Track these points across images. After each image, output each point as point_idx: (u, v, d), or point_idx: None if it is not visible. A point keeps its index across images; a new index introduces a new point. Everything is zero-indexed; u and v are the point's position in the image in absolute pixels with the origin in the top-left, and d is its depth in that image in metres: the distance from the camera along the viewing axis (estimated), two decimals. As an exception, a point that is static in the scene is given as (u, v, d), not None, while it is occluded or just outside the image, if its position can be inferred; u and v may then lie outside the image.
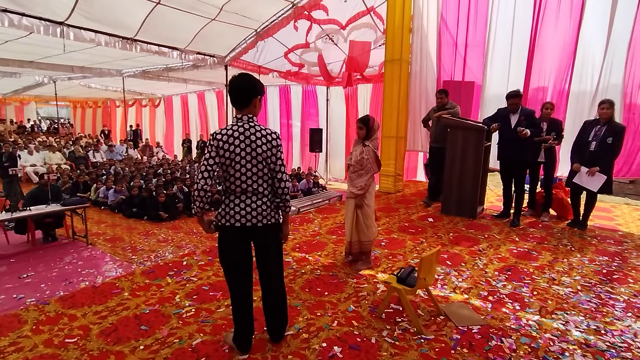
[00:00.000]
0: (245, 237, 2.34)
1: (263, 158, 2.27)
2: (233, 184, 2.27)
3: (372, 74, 9.92)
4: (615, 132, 4.62)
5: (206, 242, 7.02)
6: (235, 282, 2.41)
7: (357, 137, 3.72)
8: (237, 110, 2.32)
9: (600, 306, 3.15)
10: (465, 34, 6.29)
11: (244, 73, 2.37)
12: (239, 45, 9.11)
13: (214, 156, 2.22)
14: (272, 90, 13.74)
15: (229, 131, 2.24)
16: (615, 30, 5.16)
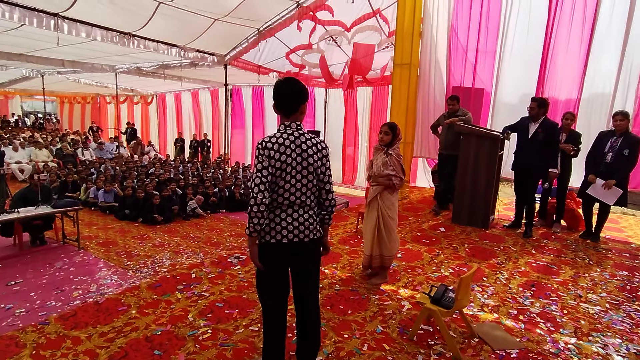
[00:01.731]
0: (290, 254, 2.14)
1: (314, 168, 2.10)
2: (281, 197, 2.08)
3: (374, 77, 9.78)
4: (632, 143, 4.55)
5: (205, 247, 6.76)
6: (275, 306, 2.20)
7: (380, 143, 3.54)
8: (283, 116, 2.13)
9: (635, 327, 3.04)
10: (477, 40, 6.19)
11: (290, 78, 2.18)
12: (240, 44, 8.87)
13: (267, 166, 2.01)
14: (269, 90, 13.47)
15: (280, 139, 2.04)
16: (631, 40, 5.11)
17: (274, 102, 2.13)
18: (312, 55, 9.36)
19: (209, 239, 7.36)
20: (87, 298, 4.64)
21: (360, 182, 12.26)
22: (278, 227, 2.07)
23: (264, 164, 2.00)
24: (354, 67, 9.07)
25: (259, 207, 1.99)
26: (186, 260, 6.21)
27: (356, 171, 12.35)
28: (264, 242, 2.11)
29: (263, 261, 2.14)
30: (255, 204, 1.98)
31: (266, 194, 2.00)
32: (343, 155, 12.51)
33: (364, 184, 12.23)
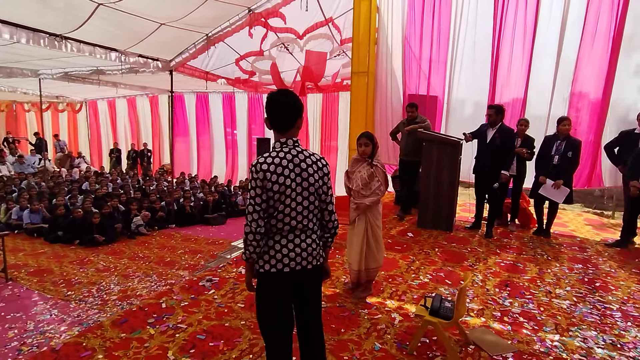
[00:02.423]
0: (293, 283, 1.97)
1: (315, 189, 1.94)
2: (281, 222, 1.90)
3: (325, 84, 9.80)
4: (574, 146, 4.98)
5: (158, 268, 6.25)
6: (279, 340, 2.01)
7: (359, 154, 3.48)
8: (278, 133, 1.95)
9: (602, 317, 3.28)
10: (429, 49, 6.43)
11: (285, 90, 2.00)
12: (187, 49, 8.40)
13: (260, 193, 1.85)
14: (215, 97, 13.02)
15: (276, 159, 1.87)
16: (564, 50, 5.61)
17: (268, 117, 1.96)
18: (264, 62, 9.15)
19: (161, 258, 6.83)
20: (25, 339, 4.05)
21: (312, 189, 12.19)
22: (279, 254, 1.91)
23: (256, 191, 1.84)
24: (306, 74, 9.01)
25: (254, 236, 1.85)
26: (138, 285, 5.70)
27: (308, 178, 12.25)
28: (263, 273, 1.93)
29: (263, 294, 1.97)
30: (251, 232, 1.85)
31: (260, 222, 1.85)
32: (294, 163, 12.37)
33: (316, 191, 12.20)
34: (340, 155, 11.42)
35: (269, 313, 1.97)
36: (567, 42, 5.53)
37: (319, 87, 9.76)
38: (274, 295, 1.95)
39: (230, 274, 3.97)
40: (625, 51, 5.15)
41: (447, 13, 6.17)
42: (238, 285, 3.71)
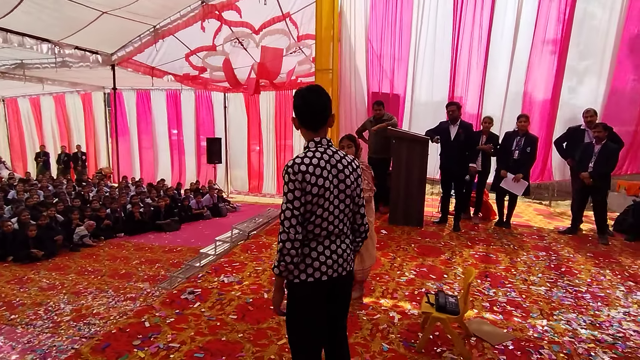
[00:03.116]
0: (329, 292, 1.85)
1: (351, 191, 1.83)
2: (318, 227, 1.76)
3: (280, 81, 9.60)
4: (532, 142, 5.36)
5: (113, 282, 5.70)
6: (313, 352, 1.88)
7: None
8: (311, 132, 1.81)
9: (576, 300, 3.55)
10: (392, 47, 6.55)
11: (315, 85, 1.86)
12: (132, 42, 7.74)
13: (299, 196, 1.69)
14: (158, 95, 12.21)
15: (313, 160, 1.72)
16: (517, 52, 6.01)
17: (298, 116, 1.81)
18: (215, 57, 8.73)
19: (115, 270, 6.23)
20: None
21: (268, 189, 11.94)
22: (316, 262, 1.77)
23: (295, 194, 1.68)
24: (261, 71, 8.75)
25: (293, 244, 1.68)
26: (93, 302, 5.15)
27: (262, 179, 11.98)
28: (298, 283, 1.78)
29: (300, 306, 1.83)
30: (288, 239, 1.67)
31: (299, 228, 1.70)
32: (248, 163, 12.03)
33: (272, 191, 11.96)
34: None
35: (307, 327, 1.83)
36: (519, 44, 5.92)
37: (275, 84, 9.55)
38: (312, 306, 1.81)
39: (212, 284, 3.71)
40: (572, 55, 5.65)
41: (409, 12, 6.32)
42: (224, 296, 3.47)
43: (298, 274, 1.77)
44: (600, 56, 5.69)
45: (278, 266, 1.72)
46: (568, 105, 5.90)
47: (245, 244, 4.85)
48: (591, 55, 5.75)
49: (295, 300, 1.82)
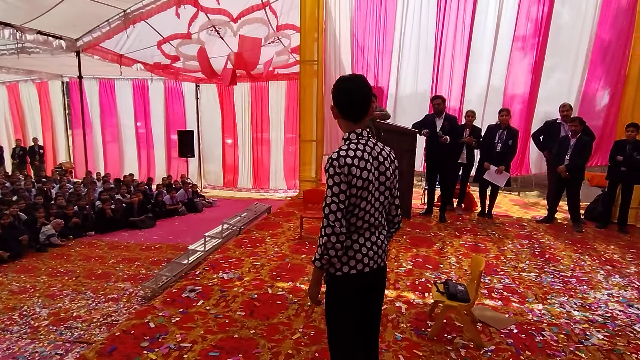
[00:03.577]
0: (368, 284, 1.84)
1: (390, 183, 1.82)
2: (361, 219, 1.75)
3: (258, 72, 9.40)
4: (513, 135, 5.59)
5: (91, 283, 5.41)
6: (355, 344, 1.87)
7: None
8: (352, 122, 1.78)
9: (564, 284, 3.76)
10: (375, 40, 6.57)
11: (358, 75, 1.82)
12: (100, 27, 7.29)
13: (344, 189, 1.67)
14: (124, 85, 11.62)
15: (357, 152, 1.70)
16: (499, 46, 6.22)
17: (339, 106, 1.77)
18: (190, 46, 8.41)
19: (91, 271, 5.91)
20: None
21: (244, 183, 11.73)
22: (358, 255, 1.76)
23: (341, 187, 1.66)
24: (238, 61, 8.53)
25: (338, 238, 1.66)
26: (71, 305, 4.87)
27: (237, 173, 11.75)
28: (340, 275, 1.76)
29: (342, 300, 1.81)
30: (333, 233, 1.65)
31: (344, 221, 1.68)
32: (223, 157, 11.74)
33: (248, 185, 11.76)
34: (274, 147, 11.14)
35: (348, 319, 1.82)
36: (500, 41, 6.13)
37: (252, 75, 9.35)
38: (354, 298, 1.80)
39: (212, 281, 3.60)
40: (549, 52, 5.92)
41: (394, 5, 6.36)
42: (227, 292, 3.38)
43: (340, 266, 1.76)
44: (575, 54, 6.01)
45: (320, 259, 1.70)
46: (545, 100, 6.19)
47: (238, 240, 4.75)
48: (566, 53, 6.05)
49: (338, 293, 1.81)
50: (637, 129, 5.16)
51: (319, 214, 4.96)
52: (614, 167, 5.30)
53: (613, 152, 5.32)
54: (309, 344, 2.70)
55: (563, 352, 2.68)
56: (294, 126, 10.94)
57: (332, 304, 1.83)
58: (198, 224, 8.57)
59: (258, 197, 11.12)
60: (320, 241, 1.68)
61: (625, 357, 2.65)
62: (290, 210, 6.11)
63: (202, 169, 12.10)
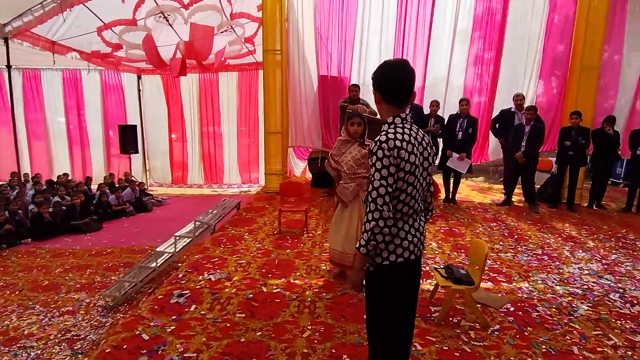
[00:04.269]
0: (412, 273, 1.79)
1: (430, 168, 1.79)
2: (407, 205, 1.69)
3: (209, 63, 8.91)
4: (473, 123, 5.86)
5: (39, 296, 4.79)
6: (402, 334, 1.82)
7: (349, 135, 3.34)
8: (396, 107, 1.71)
9: (539, 261, 4.01)
10: (338, 30, 6.51)
11: (403, 60, 1.76)
12: (32, 11, 6.41)
13: (393, 173, 1.59)
14: (52, 76, 10.43)
15: (405, 135, 1.64)
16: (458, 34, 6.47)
17: (383, 92, 1.70)
18: (135, 33, 7.72)
19: (36, 282, 5.22)
20: None
21: (194, 180, 11.13)
22: (405, 242, 1.70)
23: (390, 170, 1.59)
24: (189, 50, 8.01)
25: (386, 222, 1.59)
26: (19, 321, 4.28)
27: (187, 169, 11.11)
28: (387, 265, 1.69)
29: (390, 289, 1.74)
30: (381, 217, 1.58)
31: (391, 206, 1.62)
32: (170, 152, 11.02)
33: (200, 181, 11.17)
34: (227, 141, 10.68)
35: (397, 309, 1.75)
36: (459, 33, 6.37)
37: (203, 66, 8.83)
38: (402, 287, 1.75)
39: (199, 284, 3.32)
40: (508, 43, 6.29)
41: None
42: (219, 295, 3.14)
43: (387, 255, 1.69)
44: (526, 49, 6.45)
45: (366, 245, 1.62)
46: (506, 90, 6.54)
47: (214, 238, 4.45)
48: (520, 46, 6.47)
49: (384, 283, 1.73)
50: (580, 116, 5.66)
51: (298, 207, 4.84)
52: (563, 152, 5.78)
53: (561, 138, 5.79)
54: (322, 340, 2.58)
55: (559, 325, 2.84)
56: (247, 119, 10.61)
57: (377, 295, 1.76)
58: (151, 224, 7.99)
59: (210, 192, 10.65)
60: (367, 226, 1.60)
61: (611, 324, 2.87)
62: (261, 204, 5.88)
63: (147, 165, 11.27)
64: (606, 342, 2.65)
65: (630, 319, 2.96)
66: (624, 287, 3.46)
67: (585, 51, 5.95)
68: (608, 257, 4.14)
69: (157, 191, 10.74)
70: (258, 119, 10.49)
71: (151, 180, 11.34)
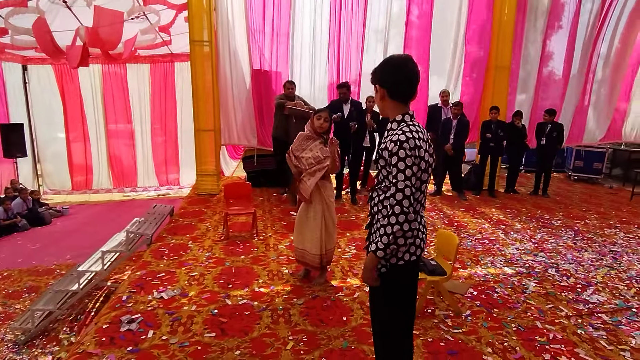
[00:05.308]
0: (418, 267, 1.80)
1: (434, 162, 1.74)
2: (419, 203, 1.66)
3: (117, 52, 7.91)
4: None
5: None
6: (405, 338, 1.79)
7: (318, 130, 3.17)
8: (403, 104, 1.65)
9: (482, 245, 4.30)
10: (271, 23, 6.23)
11: (406, 54, 1.71)
12: None
13: (416, 172, 1.55)
14: None
15: (420, 133, 1.60)
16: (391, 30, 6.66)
17: (392, 88, 1.62)
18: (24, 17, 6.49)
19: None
20: None
21: (101, 184, 9.84)
22: (417, 239, 1.67)
23: (413, 169, 1.54)
24: (93, 38, 7.01)
25: (411, 225, 1.54)
26: None
27: (92, 172, 9.78)
28: (401, 265, 1.64)
29: (402, 288, 1.71)
30: (407, 220, 1.51)
31: (416, 207, 1.60)
32: (69, 154, 9.58)
33: (108, 185, 9.90)
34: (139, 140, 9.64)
35: (405, 311, 1.75)
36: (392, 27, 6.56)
37: (110, 56, 7.81)
38: (412, 286, 1.74)
39: (149, 305, 2.86)
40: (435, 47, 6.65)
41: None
42: (179, 314, 2.74)
43: (402, 255, 1.63)
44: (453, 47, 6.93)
45: (385, 249, 1.54)
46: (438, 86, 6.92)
47: (154, 250, 3.89)
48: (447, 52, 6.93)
49: (396, 283, 1.68)
50: (499, 111, 6.24)
51: (246, 209, 4.50)
52: (484, 143, 6.32)
53: (482, 131, 6.33)
54: (308, 350, 2.40)
55: (518, 303, 3.05)
56: (162, 115, 9.71)
57: (389, 294, 1.70)
58: (53, 239, 6.88)
59: (122, 198, 9.55)
60: (388, 229, 1.51)
61: (558, 297, 3.17)
62: (197, 208, 5.37)
63: (38, 170, 9.66)
64: (559, 313, 2.91)
65: (569, 289, 3.30)
66: (556, 262, 3.87)
67: (498, 53, 6.59)
68: (535, 237, 4.61)
69: (53, 200, 9.29)
70: (176, 115, 9.70)
71: (45, 187, 9.74)
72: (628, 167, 8.10)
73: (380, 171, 1.63)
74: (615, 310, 2.94)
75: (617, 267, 3.79)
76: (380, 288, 1.68)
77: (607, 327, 2.71)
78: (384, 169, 1.59)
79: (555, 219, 5.39)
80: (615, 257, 4.04)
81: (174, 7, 7.37)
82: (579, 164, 8.32)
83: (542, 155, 6.48)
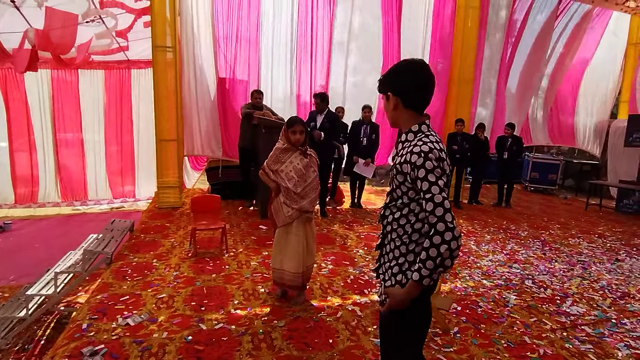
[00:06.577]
0: None
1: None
2: None
3: (70, 57, 7.37)
4: (375, 129, 6.08)
5: None
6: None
7: (294, 144, 3.01)
8: (418, 113, 1.53)
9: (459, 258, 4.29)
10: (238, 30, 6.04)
11: (421, 60, 1.55)
12: None
13: (443, 184, 1.41)
14: None
15: (439, 144, 1.47)
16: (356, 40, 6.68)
17: (407, 95, 1.51)
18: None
19: None
20: None
21: (48, 197, 9.04)
22: None
23: (443, 179, 1.42)
24: (43, 41, 6.48)
25: (458, 242, 1.34)
26: None
27: (37, 184, 8.97)
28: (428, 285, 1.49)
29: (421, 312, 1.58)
30: (454, 238, 1.32)
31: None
32: (12, 165, 8.74)
33: (56, 198, 9.10)
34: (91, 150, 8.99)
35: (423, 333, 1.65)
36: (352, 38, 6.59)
37: (62, 61, 7.27)
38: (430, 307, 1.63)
39: (114, 333, 2.53)
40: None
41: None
42: (148, 342, 2.44)
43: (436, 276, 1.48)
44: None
45: (430, 275, 1.36)
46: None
47: (115, 270, 3.51)
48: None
49: (421, 305, 1.54)
50: (464, 124, 6.40)
51: (214, 224, 4.21)
52: (451, 155, 6.43)
53: (448, 143, 6.45)
54: None
55: (503, 317, 3.02)
56: (117, 125, 9.13)
57: (411, 320, 1.55)
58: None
59: (72, 212, 8.80)
60: (432, 252, 1.33)
61: (540, 309, 3.19)
62: (159, 223, 4.99)
63: (-25, 184, 8.73)
64: (544, 327, 2.91)
65: (549, 301, 3.34)
66: (531, 274, 3.93)
67: (461, 66, 6.78)
68: (506, 248, 4.70)
69: (0, 216, 8.38)
70: (132, 124, 9.15)
71: (-16, 203, 8.80)
72: (580, 178, 8.62)
73: (399, 187, 1.49)
74: (596, 322, 2.99)
75: (588, 277, 3.91)
76: (400, 312, 1.50)
77: (592, 340, 2.73)
78: (403, 185, 1.46)
79: (522, 229, 5.55)
80: (584, 267, 4.19)
81: (133, 11, 7.00)
82: (535, 175, 8.74)
83: (504, 168, 6.71)
